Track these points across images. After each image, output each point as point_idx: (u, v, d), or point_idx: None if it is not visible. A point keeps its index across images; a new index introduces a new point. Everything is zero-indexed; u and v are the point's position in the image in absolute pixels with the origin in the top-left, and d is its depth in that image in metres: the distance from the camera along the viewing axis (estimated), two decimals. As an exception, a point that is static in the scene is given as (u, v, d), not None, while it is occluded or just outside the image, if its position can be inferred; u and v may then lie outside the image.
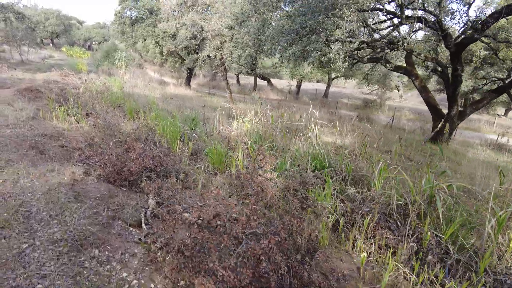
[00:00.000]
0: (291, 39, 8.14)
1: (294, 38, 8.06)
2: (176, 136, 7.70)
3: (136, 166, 4.53)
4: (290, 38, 8.16)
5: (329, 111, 19.20)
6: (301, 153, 6.74)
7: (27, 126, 6.42)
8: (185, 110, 14.00)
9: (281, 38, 8.40)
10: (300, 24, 7.57)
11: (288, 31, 8.10)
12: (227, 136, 8.22)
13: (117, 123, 8.02)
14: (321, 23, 7.07)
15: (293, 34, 8.05)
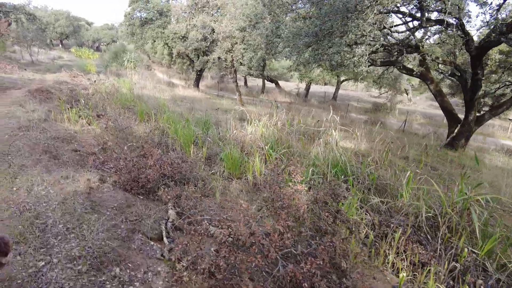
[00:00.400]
0: (309, 42, 7.87)
1: (312, 41, 7.79)
2: (190, 140, 7.47)
3: (154, 173, 4.30)
4: (308, 41, 7.89)
5: (339, 115, 18.88)
6: (320, 159, 6.47)
7: (39, 128, 6.23)
8: (195, 113, 13.80)
9: (298, 41, 8.13)
10: (320, 26, 7.30)
11: (306, 33, 7.82)
12: (241, 140, 7.97)
13: (129, 126, 7.81)
14: (343, 25, 6.79)
15: (311, 37, 7.78)
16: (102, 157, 5.09)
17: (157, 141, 7.60)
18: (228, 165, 6.53)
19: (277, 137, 7.74)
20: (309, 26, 7.75)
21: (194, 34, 15.67)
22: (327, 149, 7.22)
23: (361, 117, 20.17)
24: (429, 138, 16.11)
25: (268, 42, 11.88)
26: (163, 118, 10.30)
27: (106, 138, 7.02)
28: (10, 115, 7.18)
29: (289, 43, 8.73)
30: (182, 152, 7.41)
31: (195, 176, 5.04)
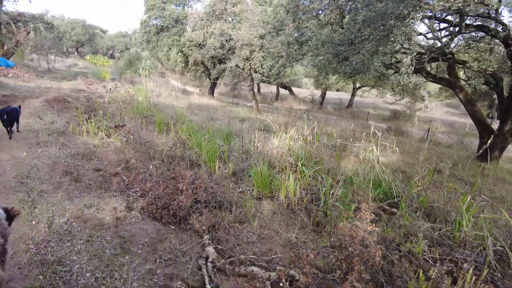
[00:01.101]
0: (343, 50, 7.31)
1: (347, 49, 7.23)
2: (215, 155, 6.97)
3: (186, 200, 3.79)
4: (343, 49, 7.34)
5: (358, 123, 18.20)
6: (360, 178, 5.87)
7: (59, 144, 5.82)
8: (214, 122, 13.36)
9: (329, 49, 7.59)
10: (355, 33, 6.74)
11: (341, 41, 7.27)
12: (267, 154, 7.44)
13: (151, 140, 7.37)
14: (385, 33, 6.23)
15: (346, 45, 7.22)
16: (126, 177, 4.61)
17: (179, 154, 7.14)
18: (258, 183, 6.00)
19: (307, 151, 7.17)
20: (344, 34, 7.19)
21: (211, 41, 15.32)
22: (364, 165, 6.63)
23: (380, 125, 19.44)
24: (454, 148, 15.30)
25: (290, 50, 11.38)
26: (183, 128, 9.88)
27: (128, 154, 6.58)
28: (28, 128, 6.82)
29: (318, 51, 8.19)
30: (207, 167, 6.92)
31: (229, 200, 4.51)
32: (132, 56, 32.82)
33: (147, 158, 6.97)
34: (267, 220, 4.91)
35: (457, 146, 15.39)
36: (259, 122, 15.07)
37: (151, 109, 14.19)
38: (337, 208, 4.82)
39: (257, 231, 4.19)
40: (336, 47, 7.41)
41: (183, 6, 20.69)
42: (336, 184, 6.22)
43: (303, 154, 6.92)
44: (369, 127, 17.44)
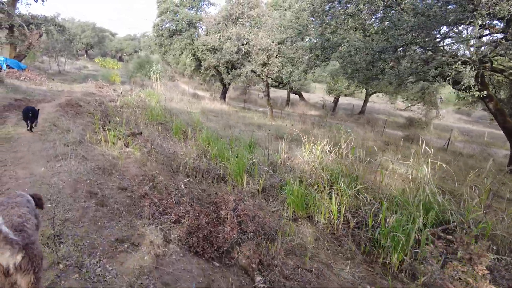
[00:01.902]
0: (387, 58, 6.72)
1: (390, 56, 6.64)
2: (242, 168, 6.40)
3: (232, 232, 3.22)
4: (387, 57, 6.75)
5: (376, 131, 17.56)
6: (408, 199, 5.25)
7: (77, 156, 5.29)
8: (231, 129, 12.82)
9: (366, 56, 7.00)
10: (398, 39, 6.16)
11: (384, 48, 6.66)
12: (298, 168, 6.86)
13: (174, 151, 6.84)
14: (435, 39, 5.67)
15: (390, 53, 6.63)
16: (156, 198, 4.06)
17: (204, 167, 6.59)
18: (293, 203, 5.41)
19: (341, 165, 6.57)
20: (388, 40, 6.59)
21: (228, 46, 14.81)
22: (404, 181, 6.03)
23: (397, 133, 18.78)
24: (477, 158, 14.60)
25: (311, 55, 10.82)
26: (201, 136, 9.34)
27: (150, 166, 6.04)
28: (44, 138, 6.31)
29: (351, 58, 7.60)
30: (233, 182, 6.37)
31: (275, 229, 3.94)
32: (142, 60, 32.51)
33: (170, 171, 6.44)
34: (311, 249, 4.33)
35: (480, 157, 14.69)
36: (276, 129, 14.51)
37: (165, 114, 13.68)
38: (395, 237, 4.21)
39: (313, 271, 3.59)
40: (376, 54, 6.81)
41: (196, 10, 20.26)
42: (378, 204, 5.63)
43: (338, 169, 6.33)
44: (389, 136, 16.77)
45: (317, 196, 5.39)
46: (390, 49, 6.57)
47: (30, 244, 1.90)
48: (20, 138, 6.20)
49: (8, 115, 8.51)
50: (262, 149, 9.26)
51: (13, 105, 9.96)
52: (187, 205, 3.91)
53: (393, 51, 6.62)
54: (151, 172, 5.93)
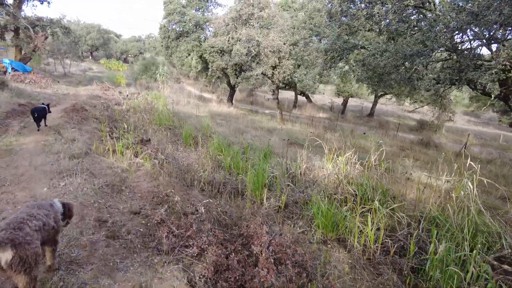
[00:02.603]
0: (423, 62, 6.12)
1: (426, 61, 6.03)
2: (262, 182, 5.83)
3: (269, 275, 2.66)
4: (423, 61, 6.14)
5: (388, 134, 16.92)
6: (448, 218, 4.66)
7: (84, 172, 4.76)
8: (241, 134, 12.28)
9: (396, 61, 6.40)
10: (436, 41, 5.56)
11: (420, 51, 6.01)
12: (321, 181, 6.29)
13: (187, 163, 6.30)
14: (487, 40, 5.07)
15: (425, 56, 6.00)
16: (175, 226, 3.51)
17: (220, 180, 6.04)
18: (322, 223, 4.84)
19: (370, 179, 5.98)
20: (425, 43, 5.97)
21: (237, 48, 14.24)
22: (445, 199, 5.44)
23: (409, 137, 18.14)
24: (496, 164, 13.92)
25: (326, 57, 10.24)
26: (213, 144, 8.79)
27: (163, 181, 5.51)
28: (47, 149, 5.80)
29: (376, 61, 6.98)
30: (252, 196, 5.81)
31: (313, 265, 3.37)
32: (147, 61, 32.06)
33: (184, 184, 5.90)
34: (349, 281, 3.76)
35: (500, 162, 14.00)
36: (287, 134, 13.95)
37: (173, 119, 13.15)
38: (447, 270, 3.63)
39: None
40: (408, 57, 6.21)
41: (203, 11, 19.73)
42: (416, 225, 5.05)
43: (368, 183, 5.75)
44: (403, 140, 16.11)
45: (349, 216, 4.82)
46: (426, 52, 5.95)
47: (23, 243, 1.89)
48: (22, 149, 5.69)
49: (10, 122, 8.02)
50: (278, 158, 8.70)
51: (16, 111, 9.46)
52: (209, 233, 3.37)
53: (429, 54, 6.01)
54: (163, 187, 5.40)
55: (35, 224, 2.08)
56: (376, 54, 6.96)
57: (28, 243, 1.92)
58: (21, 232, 1.94)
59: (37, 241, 2.05)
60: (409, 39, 6.36)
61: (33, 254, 1.92)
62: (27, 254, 1.89)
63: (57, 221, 2.42)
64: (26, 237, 1.94)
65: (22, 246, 1.88)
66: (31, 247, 1.93)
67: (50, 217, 2.31)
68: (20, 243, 1.88)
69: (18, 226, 1.97)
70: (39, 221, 2.15)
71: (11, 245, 1.84)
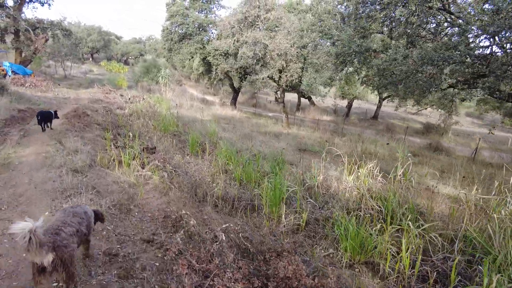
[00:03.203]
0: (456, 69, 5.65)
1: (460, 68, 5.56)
2: (280, 197, 5.39)
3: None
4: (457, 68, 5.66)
5: (396, 138, 16.49)
6: (487, 240, 4.22)
7: (89, 191, 4.31)
8: (248, 140, 11.83)
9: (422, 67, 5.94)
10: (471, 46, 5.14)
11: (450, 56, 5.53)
12: (341, 195, 5.85)
13: (200, 177, 5.85)
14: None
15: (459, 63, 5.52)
16: (194, 257, 3.07)
17: (235, 195, 5.59)
18: (349, 245, 4.40)
19: (396, 193, 5.54)
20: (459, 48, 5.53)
21: (243, 51, 13.79)
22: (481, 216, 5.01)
23: (416, 140, 17.72)
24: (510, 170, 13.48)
25: (337, 61, 9.81)
26: (221, 152, 8.34)
27: (174, 197, 5.07)
28: (48, 162, 5.35)
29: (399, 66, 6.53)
30: (268, 213, 5.37)
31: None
32: (149, 63, 31.62)
33: (195, 199, 5.46)
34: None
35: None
36: (294, 138, 13.52)
37: (178, 124, 12.69)
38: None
39: None
40: (432, 63, 5.76)
41: (206, 13, 19.29)
42: (449, 246, 4.62)
43: (394, 199, 5.31)
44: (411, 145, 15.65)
45: (379, 238, 4.37)
46: (457, 58, 5.50)
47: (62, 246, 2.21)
48: (21, 163, 5.24)
49: (9, 131, 7.56)
50: (290, 166, 8.27)
51: (15, 118, 9.02)
52: (233, 265, 2.94)
53: (462, 60, 5.56)
54: (174, 203, 4.97)
55: (69, 230, 2.39)
56: (398, 59, 6.51)
57: (65, 246, 2.24)
58: (59, 236, 2.26)
59: (73, 245, 2.36)
60: (435, 44, 5.92)
61: (69, 256, 2.24)
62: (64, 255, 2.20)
63: (89, 227, 2.75)
64: (63, 241, 2.26)
65: (61, 249, 2.19)
66: (67, 250, 2.24)
67: (83, 224, 2.62)
68: (58, 245, 2.19)
69: (56, 232, 2.29)
70: (73, 228, 2.46)
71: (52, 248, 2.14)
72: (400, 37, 7.11)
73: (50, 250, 2.14)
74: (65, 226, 2.40)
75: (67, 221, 2.48)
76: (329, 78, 11.09)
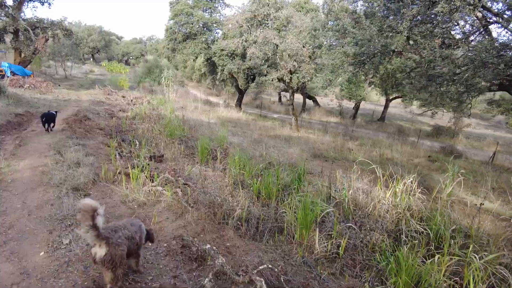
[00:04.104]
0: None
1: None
2: (311, 220, 4.66)
3: None
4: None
5: (408, 141, 15.78)
6: None
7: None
8: (259, 145, 11.12)
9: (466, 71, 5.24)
10: None
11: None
12: (376, 212, 5.14)
13: (219, 195, 5.13)
14: None
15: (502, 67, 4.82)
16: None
17: (260, 216, 4.87)
18: (402, 282, 3.69)
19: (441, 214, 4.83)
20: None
21: (253, 51, 13.05)
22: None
23: (428, 144, 17.02)
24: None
25: (355, 62, 9.10)
26: (234, 160, 7.59)
27: (191, 219, 4.36)
28: (46, 179, 4.62)
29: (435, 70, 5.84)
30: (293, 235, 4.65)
31: None
32: (151, 64, 30.88)
33: (214, 221, 4.74)
34: None
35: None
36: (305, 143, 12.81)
37: (184, 127, 11.94)
38: None
39: None
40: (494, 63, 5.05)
41: (211, 12, 18.54)
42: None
43: (441, 220, 4.60)
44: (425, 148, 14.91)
45: (433, 267, 3.67)
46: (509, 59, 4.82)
47: (115, 244, 2.32)
48: (14, 181, 4.51)
49: (3, 139, 6.81)
50: (308, 175, 7.56)
51: (12, 124, 8.27)
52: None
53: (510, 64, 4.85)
54: (192, 229, 4.25)
55: (125, 233, 2.48)
56: (436, 61, 5.81)
57: (118, 245, 2.33)
58: (116, 234, 2.38)
59: (125, 246, 2.42)
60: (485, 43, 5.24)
61: (120, 255, 2.32)
62: (116, 253, 2.29)
63: (141, 240, 2.77)
64: (118, 240, 2.35)
65: (114, 246, 2.29)
66: (120, 248, 2.33)
67: (137, 234, 2.68)
68: (112, 242, 2.30)
69: (114, 229, 2.42)
70: (129, 232, 2.56)
71: (106, 243, 2.26)
72: (426, 37, 6.39)
73: (105, 244, 2.25)
74: (122, 229, 2.52)
75: (126, 226, 2.59)
76: (347, 80, 10.40)
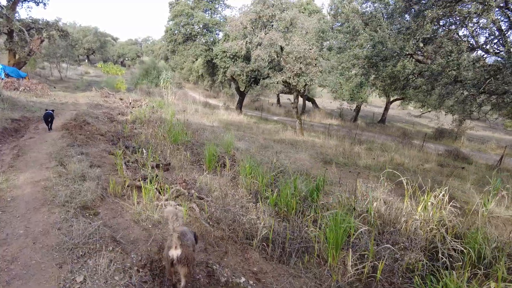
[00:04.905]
0: None
1: None
2: (342, 239, 4.25)
3: None
4: None
5: (414, 145, 15.50)
6: None
7: (108, 244, 3.15)
8: (266, 150, 10.70)
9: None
10: None
11: None
12: (406, 228, 4.76)
13: (243, 213, 4.70)
14: None
15: None
16: None
17: (286, 235, 4.45)
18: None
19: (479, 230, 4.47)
20: None
21: (258, 53, 12.62)
22: None
23: (432, 146, 16.78)
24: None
25: (366, 64, 8.74)
26: (245, 168, 7.14)
27: (212, 240, 3.92)
28: (50, 197, 4.14)
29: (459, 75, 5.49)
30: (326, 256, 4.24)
31: None
32: (148, 65, 30.27)
33: (235, 241, 4.30)
34: None
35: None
36: (312, 147, 12.43)
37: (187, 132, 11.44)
38: None
39: None
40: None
41: (211, 13, 18.07)
42: None
43: (484, 238, 4.23)
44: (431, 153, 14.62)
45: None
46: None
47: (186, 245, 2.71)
48: (14, 199, 4.02)
49: (0, 148, 6.28)
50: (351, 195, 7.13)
51: (8, 130, 7.72)
52: None
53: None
54: (212, 250, 3.82)
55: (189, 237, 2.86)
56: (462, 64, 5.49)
57: (188, 246, 2.73)
58: (185, 237, 2.76)
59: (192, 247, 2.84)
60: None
61: (191, 254, 2.71)
62: (188, 252, 2.68)
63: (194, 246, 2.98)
64: (188, 241, 2.76)
65: (186, 247, 2.68)
66: (190, 249, 2.73)
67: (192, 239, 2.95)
68: (185, 244, 2.69)
69: (183, 233, 2.77)
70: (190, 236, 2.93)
71: (181, 244, 2.65)
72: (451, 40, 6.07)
73: (180, 246, 2.63)
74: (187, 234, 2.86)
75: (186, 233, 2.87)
76: (359, 84, 10.05)
